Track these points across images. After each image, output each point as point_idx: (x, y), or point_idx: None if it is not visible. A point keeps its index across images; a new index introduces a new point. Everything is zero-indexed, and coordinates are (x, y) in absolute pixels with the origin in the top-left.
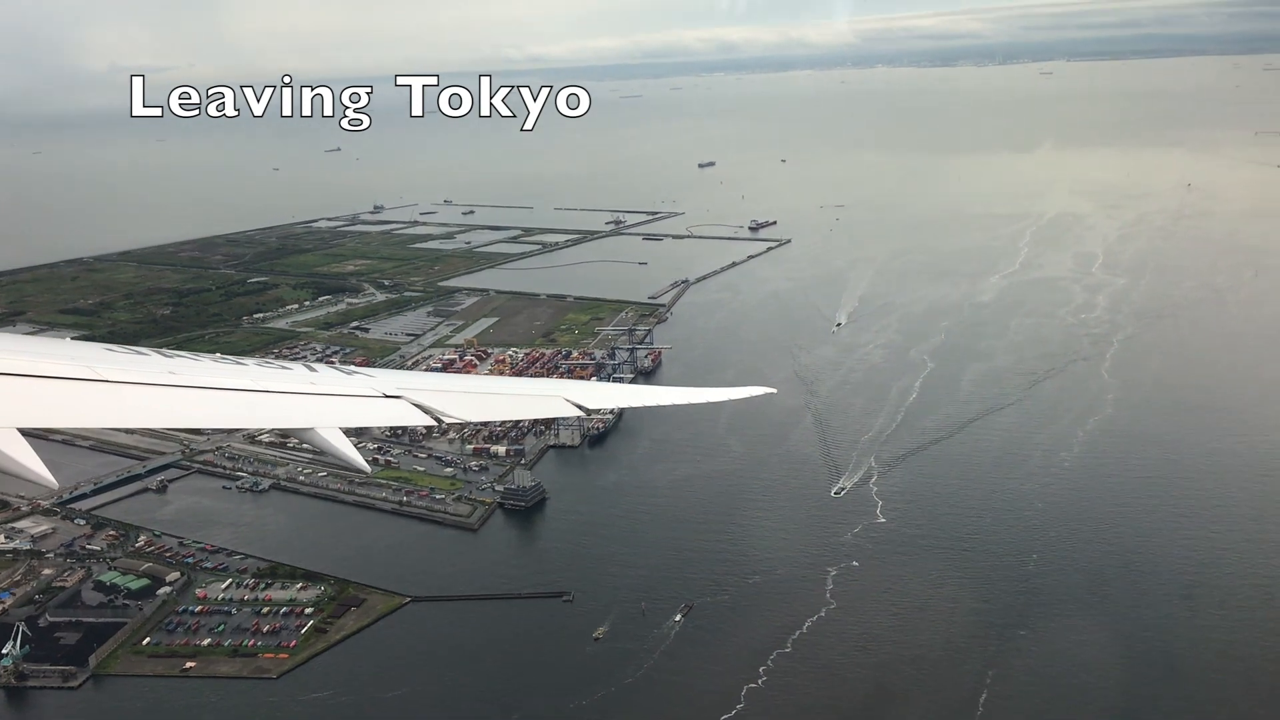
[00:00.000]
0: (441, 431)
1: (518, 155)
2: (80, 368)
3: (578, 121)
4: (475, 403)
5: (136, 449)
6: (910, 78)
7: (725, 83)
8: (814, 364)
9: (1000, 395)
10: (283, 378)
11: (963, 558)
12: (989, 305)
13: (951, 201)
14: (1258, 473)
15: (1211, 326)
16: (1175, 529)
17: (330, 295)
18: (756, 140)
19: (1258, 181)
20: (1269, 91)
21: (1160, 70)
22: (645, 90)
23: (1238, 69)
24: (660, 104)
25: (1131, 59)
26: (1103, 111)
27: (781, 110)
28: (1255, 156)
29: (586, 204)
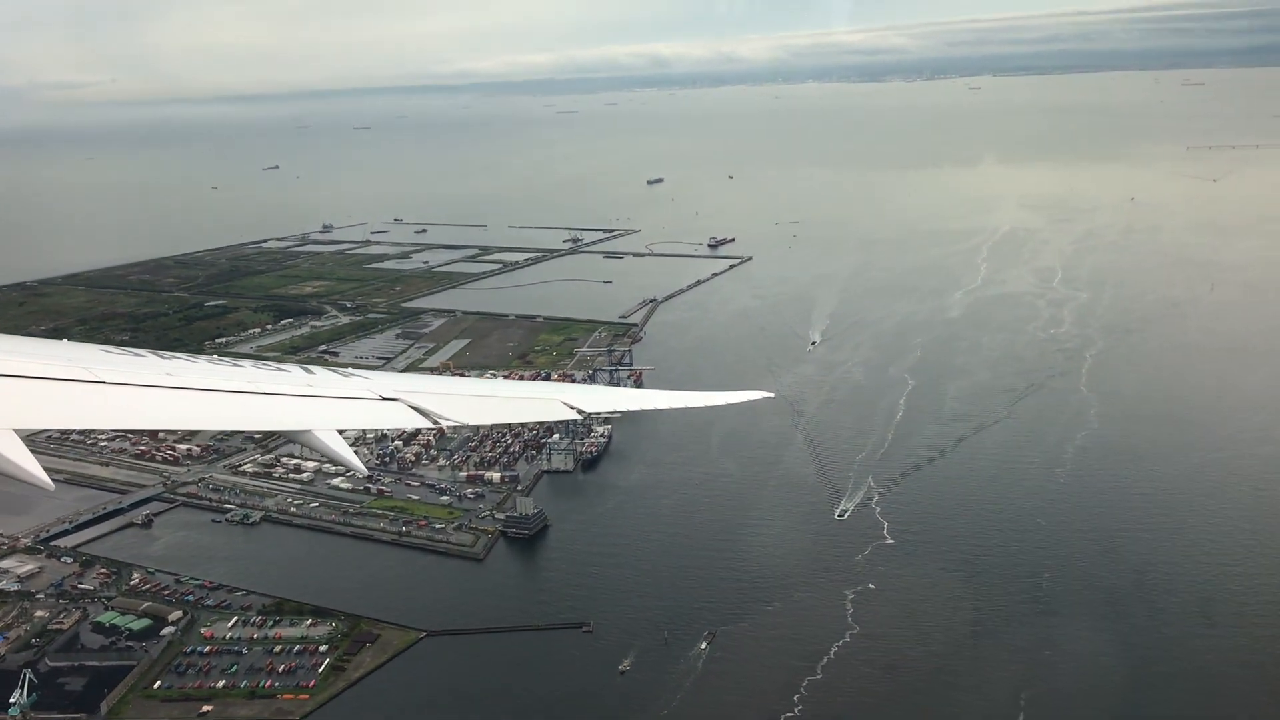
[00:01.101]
0: (431, 459)
1: (461, 172)
2: (77, 369)
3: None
4: (472, 405)
5: (113, 482)
6: (842, 93)
7: (659, 98)
8: (796, 383)
9: (986, 412)
10: (280, 379)
11: (976, 577)
12: (959, 321)
13: (904, 217)
14: (1249, 487)
15: (1179, 340)
16: (1178, 544)
17: (292, 318)
18: (701, 156)
19: (1197, 195)
20: (1191, 106)
21: (1084, 85)
22: (580, 105)
23: (1158, 84)
24: (597, 119)
25: (1054, 74)
26: (1037, 127)
27: (720, 126)
28: (1190, 170)
29: (540, 222)
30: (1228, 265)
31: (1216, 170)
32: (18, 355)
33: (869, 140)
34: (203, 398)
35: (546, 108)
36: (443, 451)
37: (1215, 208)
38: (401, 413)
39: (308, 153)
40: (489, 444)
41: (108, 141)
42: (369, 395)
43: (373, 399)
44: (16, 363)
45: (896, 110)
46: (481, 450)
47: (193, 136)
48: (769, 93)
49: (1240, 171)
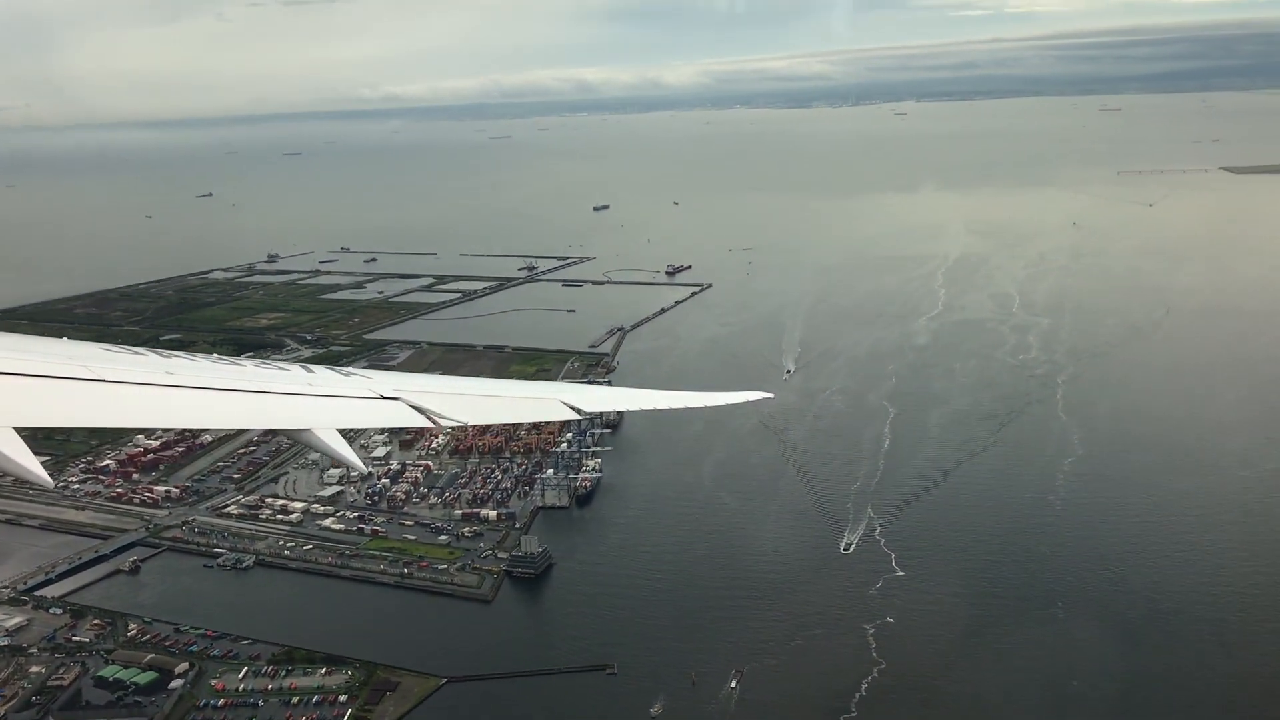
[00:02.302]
0: (422, 496)
1: (401, 199)
2: (77, 367)
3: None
4: (472, 405)
5: (92, 527)
6: (770, 118)
7: (591, 123)
8: (778, 413)
9: (971, 440)
10: (280, 379)
11: (990, 607)
12: (928, 348)
13: (855, 243)
14: (1239, 511)
15: (1144, 364)
16: (1181, 569)
17: (252, 352)
18: (642, 182)
19: (1136, 220)
20: (1112, 131)
21: (1006, 111)
22: (512, 131)
23: (1076, 109)
24: (531, 145)
25: (975, 99)
26: (969, 152)
27: (657, 151)
28: (1125, 195)
29: (492, 249)
30: (1177, 289)
31: (1150, 195)
32: (17, 353)
33: (807, 166)
34: (203, 396)
35: (478, 133)
36: (433, 489)
37: (1155, 232)
38: (401, 411)
39: (240, 180)
40: (479, 480)
41: (27, 169)
42: (369, 394)
43: (373, 398)
44: (16, 361)
45: (829, 136)
46: (472, 486)
47: (116, 163)
48: (699, 118)
49: (1173, 196)
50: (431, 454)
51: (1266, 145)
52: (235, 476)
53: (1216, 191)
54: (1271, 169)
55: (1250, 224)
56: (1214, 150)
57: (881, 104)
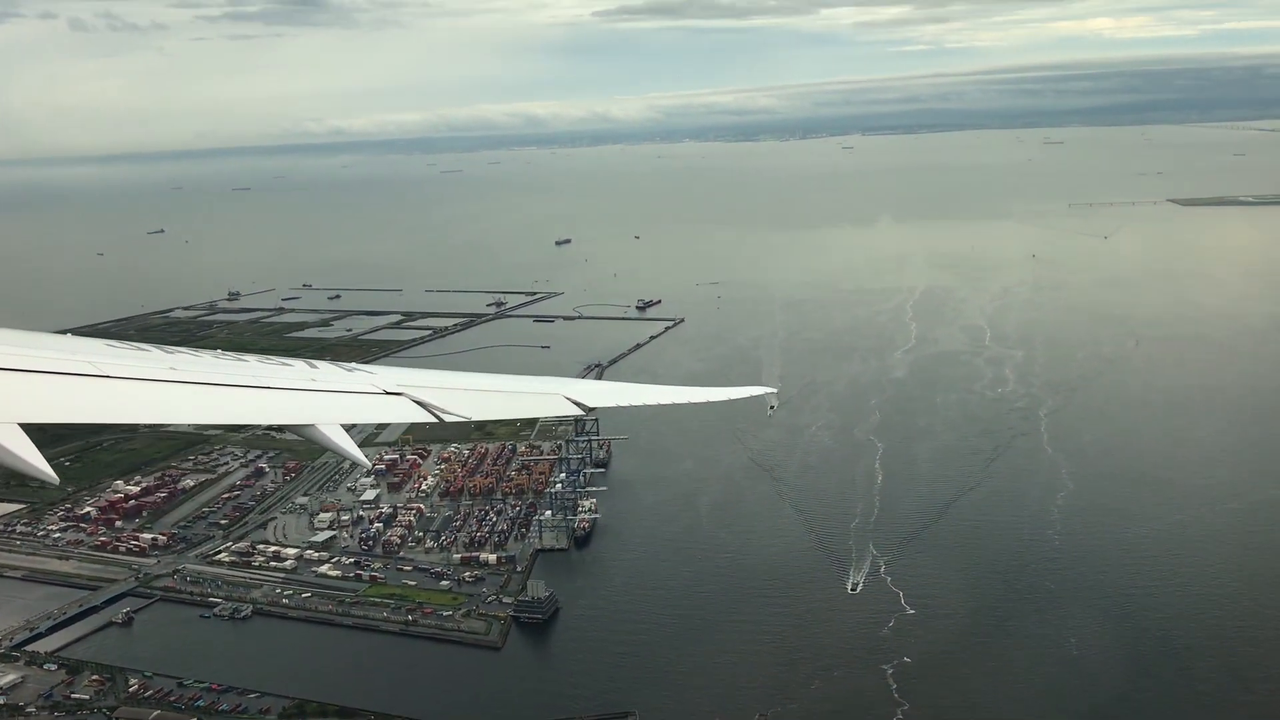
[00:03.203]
0: (417, 540)
1: (358, 234)
2: (82, 363)
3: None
4: (475, 400)
5: (78, 577)
6: (720, 152)
7: (541, 157)
8: (765, 449)
9: (963, 475)
10: (283, 374)
11: (1004, 646)
12: (906, 382)
13: (821, 276)
14: (1237, 544)
15: (1122, 396)
16: (1186, 603)
17: None
18: (601, 216)
19: (1092, 251)
20: (1058, 164)
21: (951, 144)
22: (463, 164)
23: (1021, 142)
24: (484, 179)
25: (920, 133)
26: (920, 185)
27: (612, 185)
28: (1078, 227)
29: (457, 285)
30: (1143, 321)
31: (1103, 227)
32: (21, 349)
33: (763, 199)
34: (207, 391)
35: (429, 166)
36: (428, 533)
37: (1113, 264)
38: (405, 407)
39: (191, 215)
40: (474, 522)
41: None
42: (373, 389)
43: (376, 393)
44: (20, 357)
45: (780, 169)
46: (468, 529)
47: (59, 199)
48: (650, 152)
49: (1126, 229)
50: (421, 496)
51: (1208, 178)
52: (222, 522)
53: (1167, 223)
54: (1216, 201)
55: (1204, 255)
56: (1159, 183)
57: (828, 138)
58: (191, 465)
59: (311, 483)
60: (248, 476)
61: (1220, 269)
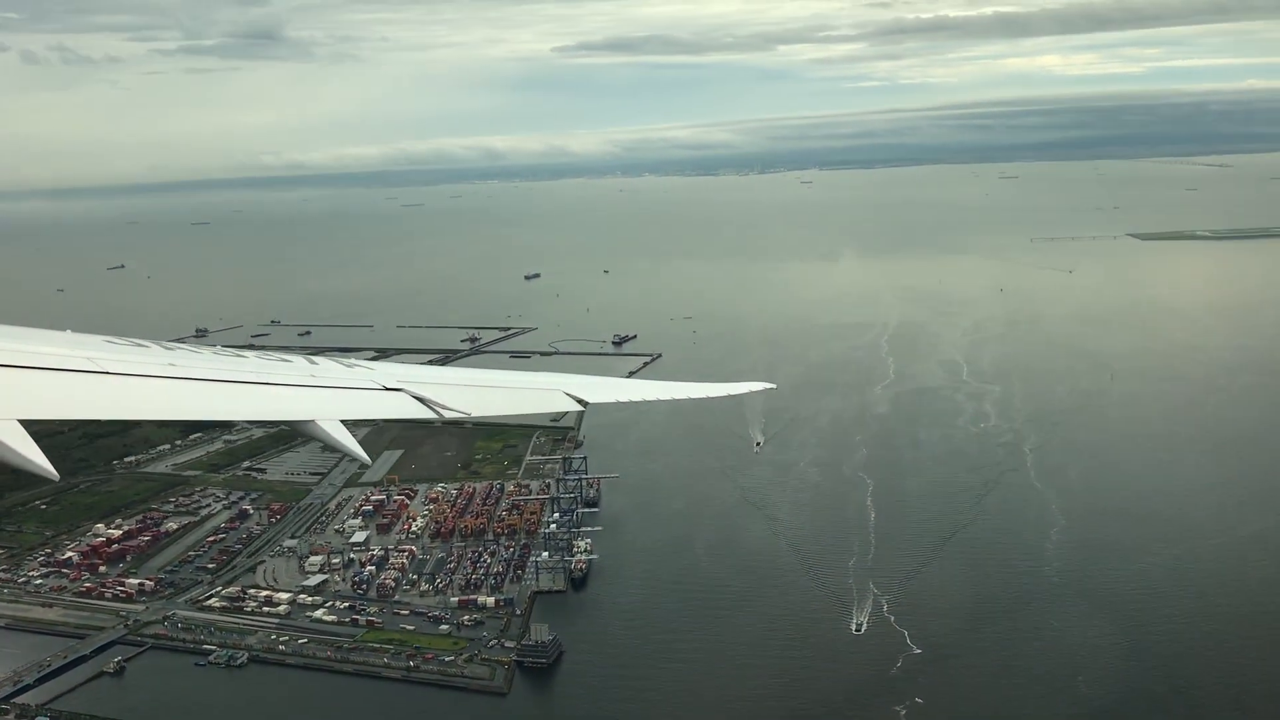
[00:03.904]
0: (412, 583)
1: (323, 269)
2: (81, 359)
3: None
4: (474, 396)
5: (64, 625)
6: (681, 185)
7: (503, 190)
8: (756, 486)
9: (956, 512)
10: (283, 370)
11: (1013, 685)
12: (889, 417)
13: (793, 310)
14: (1234, 580)
15: (1103, 430)
16: (1189, 639)
17: (201, 432)
18: (568, 249)
19: (1059, 286)
20: (1014, 199)
21: (909, 178)
22: (423, 198)
23: (977, 177)
24: (446, 212)
25: (876, 168)
26: (883, 220)
27: (576, 218)
28: (1042, 262)
29: (429, 321)
30: (1116, 355)
31: (1067, 262)
32: (20, 346)
33: (728, 233)
34: (207, 388)
35: (389, 200)
36: (422, 575)
37: (1081, 299)
38: (404, 402)
39: (151, 250)
40: (468, 563)
41: None
42: (372, 385)
43: (376, 389)
44: (20, 353)
45: (742, 203)
46: (462, 570)
47: (12, 234)
48: (611, 185)
49: (1090, 263)
50: (412, 537)
51: (1163, 212)
52: (210, 566)
53: (1128, 258)
54: (1175, 235)
55: (1168, 290)
56: (1117, 217)
57: (786, 172)
58: (173, 507)
59: (298, 524)
60: (232, 518)
61: (1186, 303)
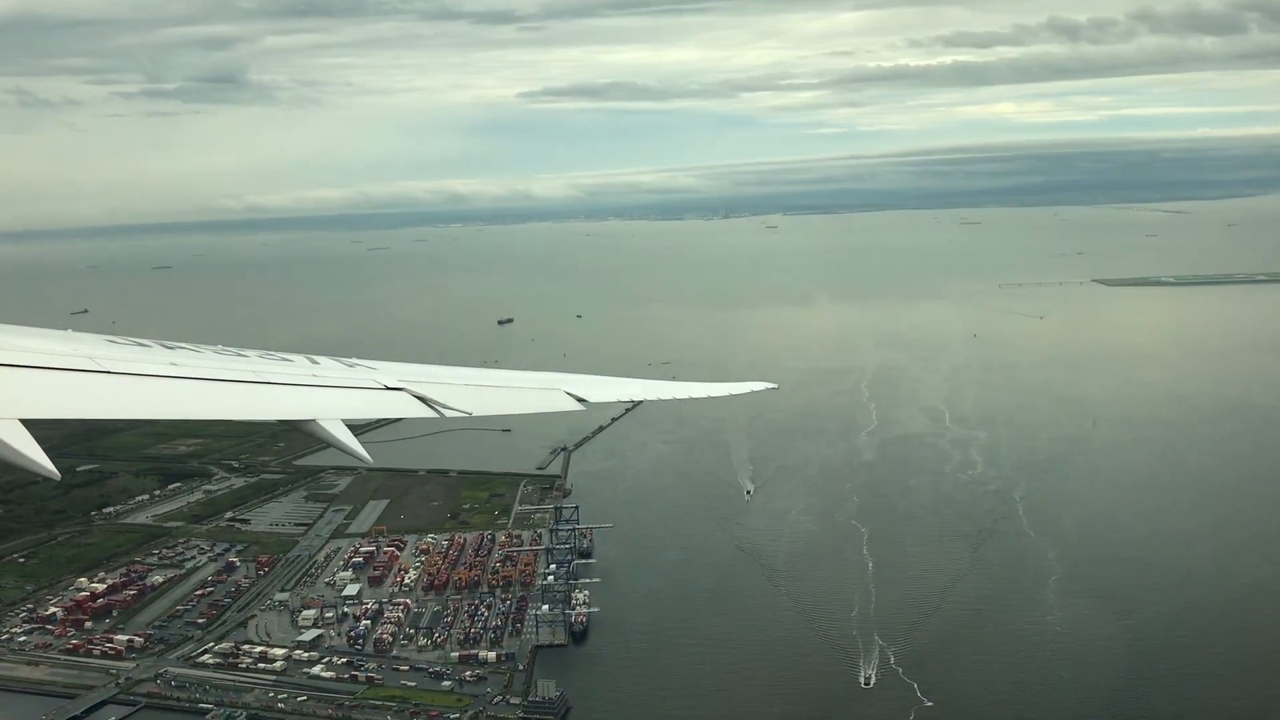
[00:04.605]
0: (409, 637)
1: (292, 314)
2: (82, 358)
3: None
4: (475, 395)
5: (52, 684)
6: (647, 230)
7: (467, 234)
8: (750, 536)
9: (954, 561)
10: (284, 369)
11: None
12: (877, 464)
13: (770, 355)
14: (1238, 631)
15: (1090, 477)
16: (1200, 689)
17: (180, 482)
18: (540, 294)
19: (1031, 332)
20: (978, 244)
21: (872, 224)
22: (389, 242)
23: (939, 223)
24: (412, 257)
25: (839, 212)
26: (851, 265)
27: (544, 262)
28: (1013, 308)
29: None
30: (1095, 401)
31: (1037, 308)
32: (22, 345)
33: (698, 278)
34: (208, 387)
35: (354, 244)
36: (419, 629)
37: (1054, 345)
38: (405, 402)
39: (114, 295)
40: (465, 616)
41: None
42: (373, 385)
43: (377, 388)
44: (21, 352)
45: (710, 248)
46: (459, 623)
47: None
48: (577, 229)
49: (1060, 309)
50: (405, 590)
51: (1126, 258)
52: (199, 621)
53: (1096, 304)
54: (1139, 281)
55: (1139, 335)
56: (1081, 263)
57: (750, 216)
58: (157, 560)
59: (287, 577)
60: (218, 571)
61: (1157, 349)
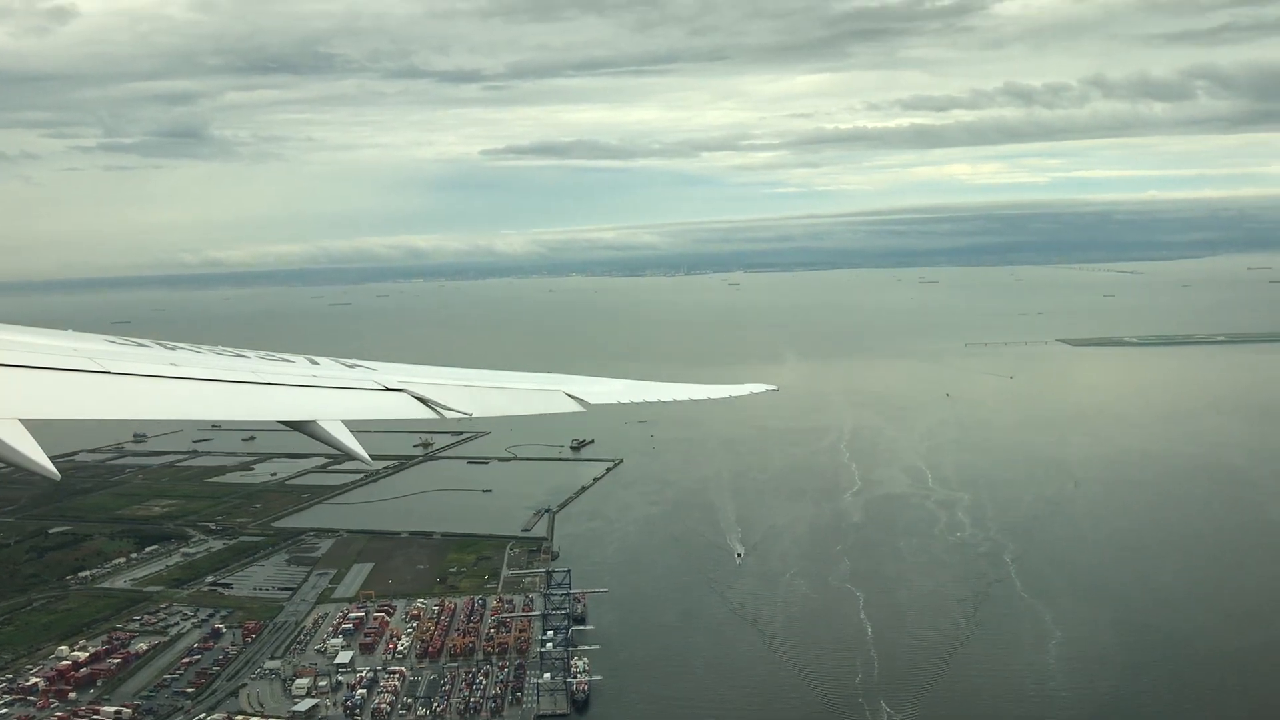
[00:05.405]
0: (407, 707)
1: None
2: (83, 359)
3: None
4: (475, 396)
5: None
6: (610, 286)
7: (429, 290)
8: (745, 601)
9: (953, 625)
10: (285, 370)
11: None
12: (865, 526)
13: (746, 414)
14: (1248, 700)
15: (1077, 539)
16: None
17: (157, 544)
18: (506, 351)
19: (1003, 392)
20: (940, 303)
21: (833, 282)
22: (350, 297)
23: (899, 281)
24: (375, 312)
25: (799, 270)
26: (817, 323)
27: (508, 318)
28: (981, 367)
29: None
30: (1073, 462)
31: (1004, 367)
32: (22, 345)
33: (667, 334)
34: (208, 388)
35: (316, 299)
36: (417, 699)
37: (1026, 405)
38: (406, 403)
39: None
40: (462, 684)
41: None
42: (373, 386)
43: (377, 389)
44: (21, 352)
45: (674, 305)
46: (457, 692)
47: None
48: (539, 285)
49: (1028, 369)
50: (398, 658)
51: (1087, 318)
52: (189, 690)
53: (1062, 364)
54: (1103, 341)
55: (1107, 395)
56: (1044, 322)
57: (711, 274)
58: (139, 626)
59: (275, 644)
60: (204, 638)
61: (1127, 409)
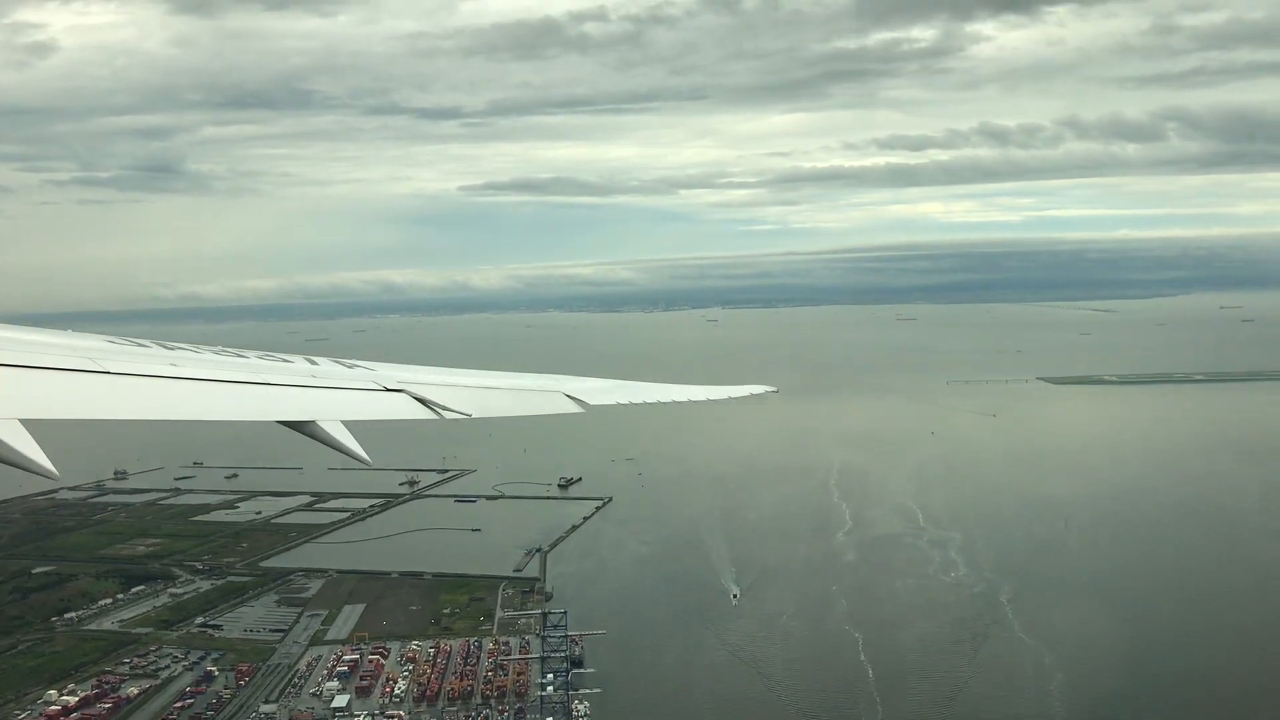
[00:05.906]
0: None
1: None
2: (82, 359)
3: None
4: (475, 397)
5: None
6: (588, 322)
7: (406, 325)
8: (743, 642)
9: (953, 668)
10: (284, 370)
11: None
12: (859, 566)
13: (734, 452)
14: None
15: (1072, 578)
16: None
17: (144, 584)
18: None
19: (987, 430)
20: (918, 340)
21: (811, 319)
22: (326, 332)
23: (876, 318)
24: (352, 347)
25: (777, 307)
26: (797, 360)
27: (487, 354)
28: (964, 405)
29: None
30: (1062, 501)
31: (987, 405)
32: (22, 345)
33: (646, 371)
34: (207, 388)
35: (290, 334)
36: None
37: (1010, 442)
38: (405, 403)
39: None
40: None
41: None
42: (373, 386)
43: (377, 390)
44: (21, 352)
45: (654, 341)
46: None
47: None
48: (517, 321)
49: (1011, 407)
50: (396, 701)
51: (1065, 356)
52: None
53: (1045, 402)
54: (1083, 379)
55: (1090, 434)
56: (1022, 360)
57: (690, 310)
58: (129, 669)
59: (269, 687)
60: (196, 681)
61: (1110, 448)
